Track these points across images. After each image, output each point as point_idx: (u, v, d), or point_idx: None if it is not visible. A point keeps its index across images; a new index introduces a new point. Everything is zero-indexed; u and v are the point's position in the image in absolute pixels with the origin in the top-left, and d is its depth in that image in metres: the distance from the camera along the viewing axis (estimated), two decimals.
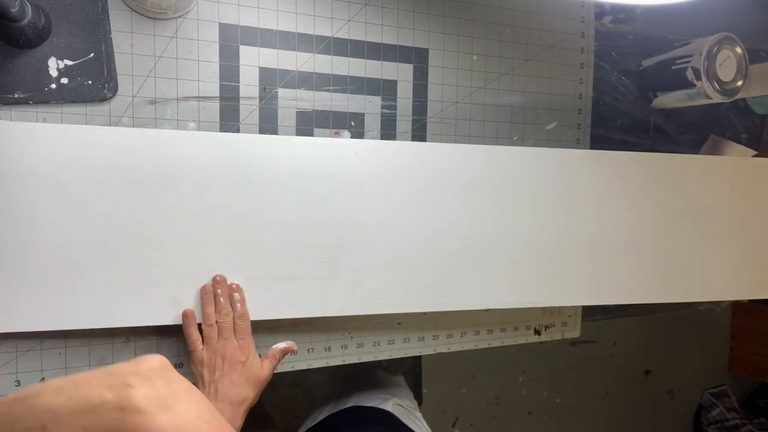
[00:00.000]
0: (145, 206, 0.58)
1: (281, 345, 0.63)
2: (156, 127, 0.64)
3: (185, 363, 0.68)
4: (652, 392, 2.25)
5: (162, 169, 0.59)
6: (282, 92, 0.70)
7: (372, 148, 0.66)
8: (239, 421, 0.56)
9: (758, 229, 0.83)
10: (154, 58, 0.64)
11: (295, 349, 0.63)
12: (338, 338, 0.75)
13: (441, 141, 0.78)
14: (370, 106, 0.74)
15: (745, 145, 1.03)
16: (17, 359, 0.60)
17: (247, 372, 0.58)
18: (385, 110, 0.75)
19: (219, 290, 0.60)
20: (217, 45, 0.66)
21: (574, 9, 0.84)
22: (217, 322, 0.59)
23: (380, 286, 0.67)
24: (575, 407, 2.10)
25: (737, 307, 2.34)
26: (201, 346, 0.59)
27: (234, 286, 0.61)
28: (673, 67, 0.89)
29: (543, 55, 0.83)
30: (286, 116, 0.70)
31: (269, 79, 0.69)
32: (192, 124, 0.66)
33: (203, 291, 0.60)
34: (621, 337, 2.17)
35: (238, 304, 0.60)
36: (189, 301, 0.61)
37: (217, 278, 0.60)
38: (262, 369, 0.60)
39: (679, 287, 0.79)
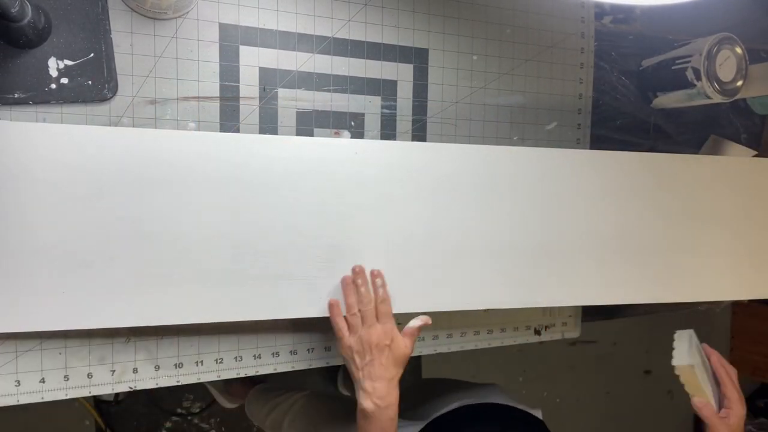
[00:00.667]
0: (145, 206, 0.58)
1: (417, 322, 0.65)
2: (156, 127, 0.64)
3: (184, 363, 0.68)
4: (652, 392, 2.25)
5: (162, 169, 0.59)
6: (282, 92, 0.70)
7: (372, 148, 0.66)
8: (395, 394, 0.62)
9: (758, 229, 0.83)
10: (154, 58, 0.64)
11: (430, 322, 0.65)
12: None
13: (441, 141, 0.78)
14: (370, 106, 0.74)
15: (745, 145, 1.03)
16: (17, 359, 0.60)
17: (393, 353, 0.62)
18: (385, 110, 0.75)
19: (359, 281, 0.64)
20: (217, 45, 0.66)
21: (574, 9, 0.84)
22: (360, 310, 0.63)
23: None
24: (575, 407, 2.10)
25: (737, 307, 2.34)
26: (347, 333, 0.63)
27: (375, 272, 0.65)
28: (673, 67, 0.89)
29: (543, 55, 0.83)
30: (286, 116, 0.70)
31: (269, 79, 0.69)
32: (192, 124, 0.66)
33: (344, 282, 0.64)
34: (621, 337, 2.16)
35: (381, 290, 0.64)
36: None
37: (356, 269, 0.64)
38: (405, 348, 0.63)
39: (679, 287, 0.79)
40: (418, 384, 1.11)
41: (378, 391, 0.61)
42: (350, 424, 0.86)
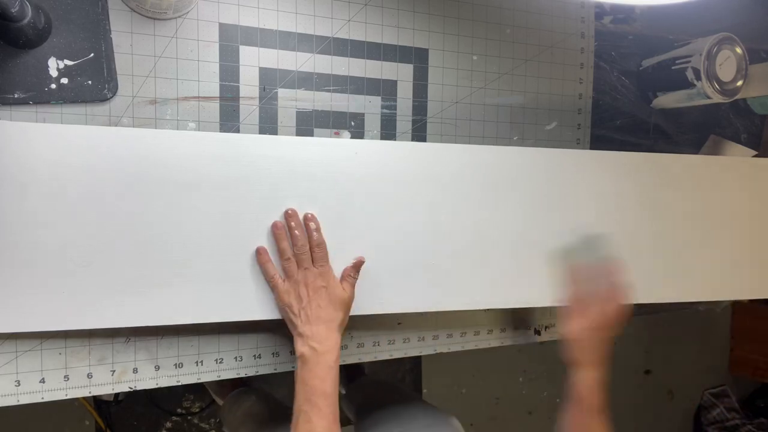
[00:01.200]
0: (145, 206, 0.58)
1: (350, 262, 0.64)
2: (156, 127, 0.64)
3: (184, 363, 0.68)
4: (652, 392, 2.25)
5: (162, 170, 0.59)
6: (282, 92, 0.70)
7: (372, 148, 0.66)
8: (334, 338, 0.60)
9: (758, 229, 0.83)
10: (154, 58, 0.64)
11: (363, 260, 0.64)
12: None
13: (441, 141, 0.78)
14: (370, 106, 0.74)
15: (745, 145, 1.03)
16: (17, 359, 0.60)
17: (330, 295, 0.61)
18: (385, 110, 0.75)
19: (292, 223, 0.62)
20: (217, 45, 0.66)
21: (574, 9, 0.84)
22: (294, 254, 0.61)
23: (380, 286, 0.67)
24: None
25: (737, 307, 2.34)
26: (281, 280, 0.62)
27: (309, 215, 0.63)
28: (673, 67, 0.89)
29: (543, 55, 0.83)
30: (286, 116, 0.70)
31: (269, 79, 0.69)
32: (192, 124, 0.66)
33: (274, 227, 0.62)
34: (621, 337, 2.16)
35: (315, 233, 0.62)
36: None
37: (289, 212, 0.62)
38: (343, 291, 0.62)
39: (679, 287, 0.79)
40: (385, 390, 1.11)
41: (316, 334, 0.59)
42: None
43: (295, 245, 0.61)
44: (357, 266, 0.64)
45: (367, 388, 1.20)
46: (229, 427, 1.08)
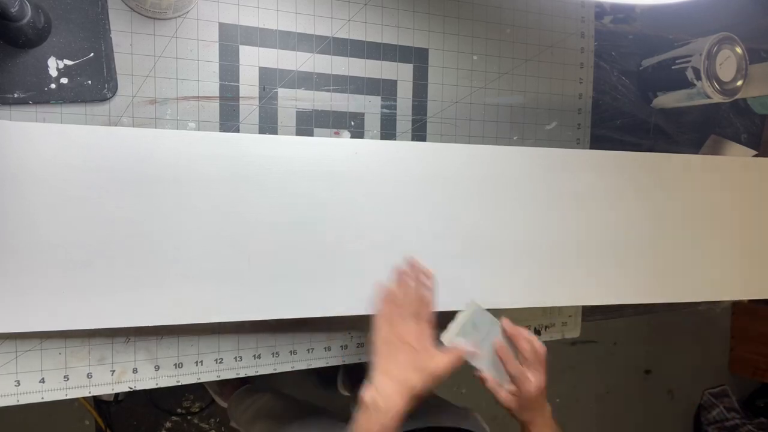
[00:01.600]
0: (145, 206, 0.58)
1: (464, 346, 0.60)
2: (156, 127, 0.64)
3: (184, 363, 0.68)
4: (652, 392, 2.25)
5: (162, 169, 0.59)
6: (282, 92, 0.70)
7: (372, 148, 0.66)
8: (400, 403, 0.54)
9: (758, 229, 0.83)
10: (154, 58, 0.64)
11: (477, 354, 0.61)
12: (338, 338, 0.75)
13: (441, 141, 0.78)
14: (370, 106, 0.74)
15: (745, 145, 1.03)
16: (17, 359, 0.60)
17: (416, 358, 0.57)
18: (385, 110, 0.75)
19: (410, 273, 0.62)
20: (217, 45, 0.66)
21: (574, 9, 0.84)
22: (400, 303, 0.60)
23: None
24: (575, 407, 2.10)
25: (737, 307, 2.34)
26: (383, 320, 0.59)
27: (427, 271, 0.63)
28: (673, 67, 0.89)
29: (543, 55, 0.83)
30: (286, 116, 0.70)
31: (269, 79, 0.69)
32: (192, 124, 0.66)
33: (397, 272, 0.63)
34: (621, 337, 2.17)
35: (425, 290, 0.61)
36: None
37: (410, 261, 0.63)
38: (434, 360, 0.57)
39: (679, 287, 0.79)
40: None
41: (384, 388, 0.55)
42: (311, 425, 0.87)
43: (405, 294, 0.61)
44: (468, 354, 0.60)
45: None
46: (241, 423, 1.08)
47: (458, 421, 0.81)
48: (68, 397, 0.63)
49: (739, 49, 0.86)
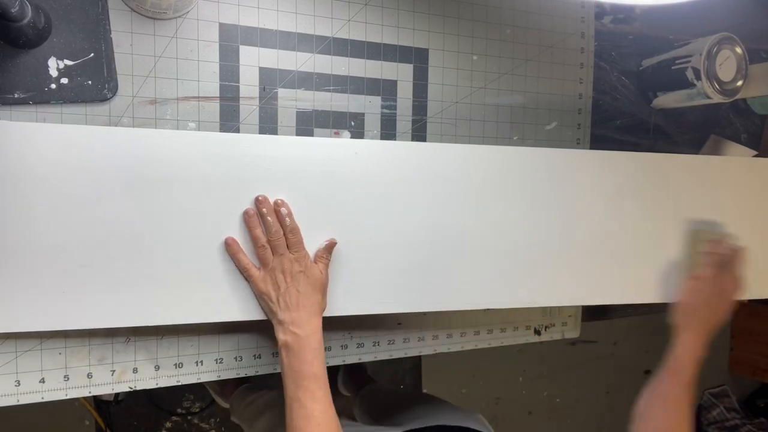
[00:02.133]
0: (145, 206, 0.58)
1: (323, 244, 0.63)
2: (156, 127, 0.64)
3: (184, 363, 0.68)
4: None
5: (162, 169, 0.59)
6: (282, 92, 0.70)
7: (372, 148, 0.66)
8: (316, 322, 0.60)
9: (758, 229, 0.83)
10: (154, 58, 0.64)
11: (335, 242, 0.64)
12: (338, 338, 0.75)
13: (441, 141, 0.78)
14: (370, 106, 0.74)
15: (745, 145, 1.03)
16: (17, 359, 0.60)
17: (309, 279, 0.60)
18: (385, 110, 0.75)
19: (264, 210, 0.60)
20: (217, 45, 0.66)
21: (574, 9, 0.84)
22: (268, 241, 0.60)
23: (379, 286, 0.67)
24: (575, 407, 2.10)
25: (737, 307, 2.33)
26: (256, 269, 0.61)
27: (279, 201, 0.61)
28: (673, 67, 0.89)
29: (543, 55, 0.83)
30: (286, 116, 0.70)
31: (269, 79, 0.69)
32: (192, 124, 0.66)
33: (246, 215, 0.61)
34: (621, 337, 2.17)
35: (287, 219, 0.61)
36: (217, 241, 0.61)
37: (260, 198, 0.61)
38: (320, 273, 0.61)
39: (679, 287, 0.79)
40: (402, 394, 1.12)
41: (297, 320, 0.58)
42: None
43: (269, 232, 0.60)
44: (329, 247, 0.63)
45: (380, 395, 1.20)
46: (244, 417, 1.08)
47: (465, 421, 0.81)
48: (68, 397, 0.63)
49: (739, 49, 0.86)
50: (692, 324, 0.73)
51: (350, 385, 1.46)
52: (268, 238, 0.60)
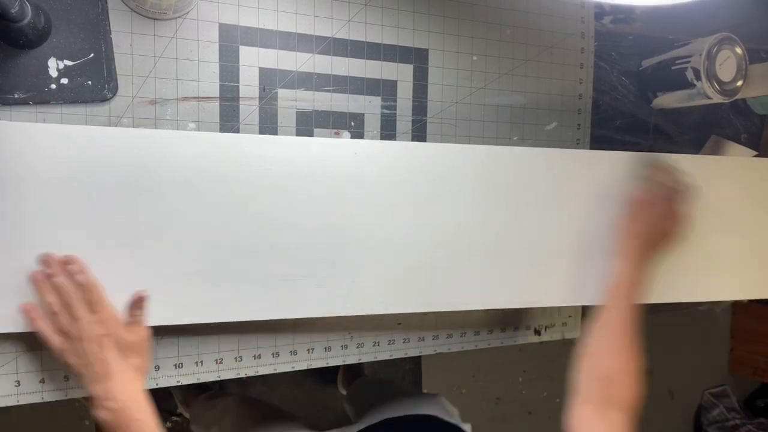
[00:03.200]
0: (145, 207, 0.58)
1: (128, 301, 0.57)
2: (156, 128, 0.64)
3: (184, 363, 0.68)
4: (652, 392, 2.24)
5: (162, 170, 0.59)
6: (282, 92, 0.70)
7: (372, 148, 0.66)
8: (133, 388, 0.53)
9: (758, 229, 0.83)
10: (154, 59, 0.64)
11: (144, 295, 0.56)
12: (338, 338, 0.75)
13: (441, 141, 0.78)
14: (370, 106, 0.74)
15: (745, 145, 1.03)
16: (17, 359, 0.60)
17: (116, 342, 0.53)
18: (385, 110, 0.75)
19: (50, 270, 0.54)
20: (217, 45, 0.66)
21: (574, 9, 0.84)
22: (63, 305, 0.53)
23: (380, 286, 0.67)
24: None
25: (737, 307, 2.34)
26: (56, 337, 0.53)
27: (66, 258, 0.54)
28: (673, 67, 0.89)
29: (543, 55, 0.83)
30: (286, 116, 0.70)
31: (269, 79, 0.69)
32: (192, 125, 0.66)
33: (33, 281, 0.53)
34: None
35: (80, 276, 0.54)
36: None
37: (43, 258, 0.54)
38: (130, 333, 0.55)
39: (680, 287, 0.79)
40: (380, 387, 1.11)
41: (109, 392, 0.51)
42: (278, 427, 0.87)
43: (60, 295, 0.53)
44: (136, 303, 0.56)
45: (365, 389, 1.20)
46: (202, 426, 1.07)
47: (419, 407, 0.81)
48: (68, 397, 0.63)
49: (739, 50, 0.86)
50: (632, 249, 0.69)
51: (346, 382, 1.46)
52: (61, 302, 0.53)
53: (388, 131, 0.75)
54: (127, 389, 0.53)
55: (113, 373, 0.52)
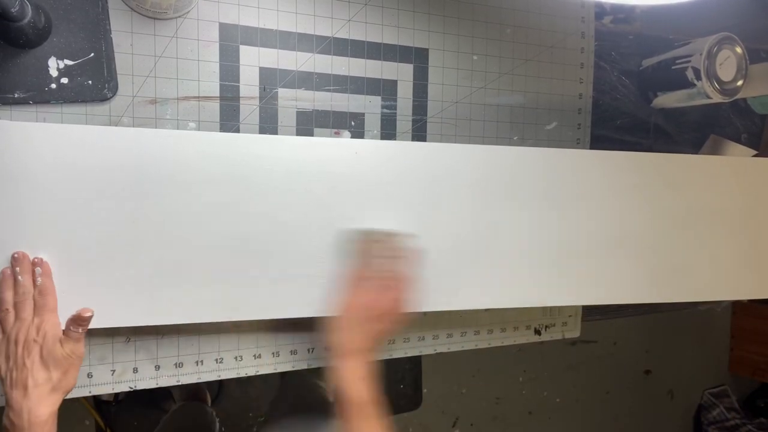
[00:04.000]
0: (145, 206, 0.58)
1: (72, 315, 0.55)
2: (156, 127, 0.64)
3: (184, 363, 0.68)
4: (652, 392, 2.25)
5: (162, 169, 0.59)
6: (282, 92, 0.70)
7: (372, 148, 0.66)
8: (46, 406, 0.51)
9: (758, 229, 0.83)
10: (154, 58, 0.64)
11: (87, 314, 0.54)
12: None
13: (441, 141, 0.78)
14: (370, 106, 0.74)
15: (745, 145, 1.03)
16: None
17: (43, 352, 0.52)
18: (385, 110, 0.75)
19: (18, 269, 0.53)
20: (217, 45, 0.66)
21: (574, 9, 0.84)
22: (15, 304, 0.53)
23: None
24: (575, 407, 2.10)
25: (737, 307, 2.34)
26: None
27: (36, 260, 0.54)
28: (673, 67, 0.89)
29: (543, 55, 0.83)
30: (286, 116, 0.70)
31: (269, 79, 0.69)
32: (192, 124, 0.66)
33: (2, 275, 0.54)
34: (621, 337, 2.17)
35: (41, 278, 0.54)
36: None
37: (16, 255, 0.53)
38: (60, 347, 0.53)
39: (679, 287, 0.79)
40: (292, 378, 1.05)
41: (18, 404, 0.50)
42: None
43: (17, 293, 0.53)
44: (78, 320, 0.53)
45: (295, 381, 1.13)
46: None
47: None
48: (68, 397, 0.63)
49: (739, 49, 0.86)
50: (349, 335, 0.59)
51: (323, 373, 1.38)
52: (15, 299, 0.53)
53: (388, 131, 0.76)
54: (34, 409, 0.50)
55: (28, 387, 0.51)
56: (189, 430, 1.00)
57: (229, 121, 0.68)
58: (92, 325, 0.59)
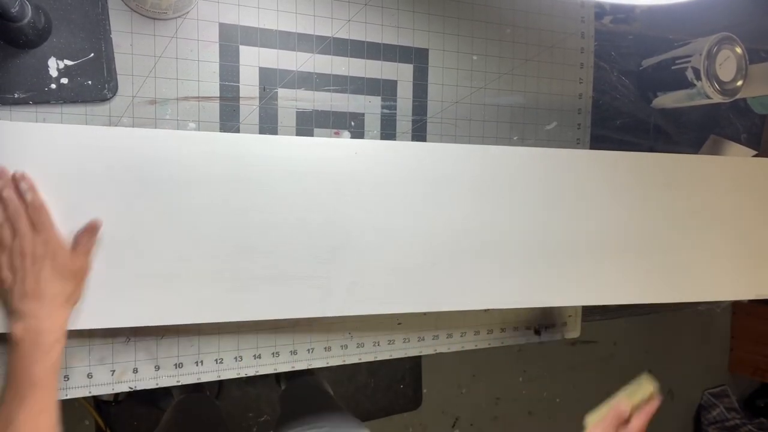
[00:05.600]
0: (145, 206, 0.58)
1: (82, 227, 0.55)
2: (156, 127, 0.64)
3: (184, 363, 0.68)
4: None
5: (162, 170, 0.59)
6: (282, 92, 0.70)
7: (372, 148, 0.66)
8: (59, 317, 0.52)
9: (758, 229, 0.83)
10: (154, 58, 0.64)
11: (98, 223, 0.55)
12: (338, 338, 0.75)
13: (441, 141, 0.78)
14: (370, 106, 0.74)
15: (745, 145, 1.03)
16: None
17: (56, 265, 0.52)
18: (385, 110, 0.75)
19: (0, 183, 0.52)
20: (217, 45, 0.66)
21: (574, 9, 0.84)
22: (6, 219, 0.52)
23: (380, 286, 0.67)
24: (575, 407, 2.10)
25: (737, 307, 2.34)
26: None
27: (18, 174, 0.53)
28: (673, 67, 0.89)
29: (543, 55, 0.83)
30: (286, 116, 0.70)
31: (269, 79, 0.69)
32: (192, 124, 0.66)
33: None
34: (621, 337, 2.17)
35: (29, 194, 0.52)
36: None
37: None
38: (73, 259, 0.53)
39: (679, 287, 0.79)
40: (303, 398, 1.06)
41: (34, 310, 0.50)
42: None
43: (6, 209, 0.51)
44: (90, 230, 0.54)
45: (296, 392, 1.15)
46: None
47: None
48: (68, 397, 0.63)
49: (739, 49, 0.86)
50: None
51: (285, 378, 1.40)
52: (6, 215, 0.52)
53: (388, 131, 0.75)
54: (51, 314, 0.51)
55: (44, 295, 0.51)
56: (197, 418, 1.00)
57: (229, 122, 0.68)
58: (92, 325, 0.59)
